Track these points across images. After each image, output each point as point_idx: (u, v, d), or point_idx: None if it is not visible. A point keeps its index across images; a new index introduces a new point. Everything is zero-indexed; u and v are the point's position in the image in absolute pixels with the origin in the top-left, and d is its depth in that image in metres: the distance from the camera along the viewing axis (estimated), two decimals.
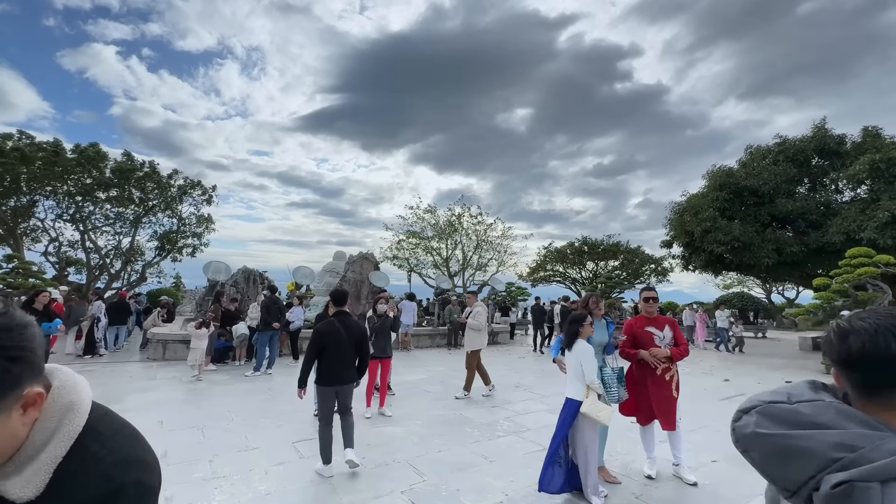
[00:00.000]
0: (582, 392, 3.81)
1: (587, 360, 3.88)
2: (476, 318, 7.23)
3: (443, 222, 27.38)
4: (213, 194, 20.49)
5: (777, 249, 14.24)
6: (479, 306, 7.38)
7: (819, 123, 16.20)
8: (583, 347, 3.96)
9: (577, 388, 3.85)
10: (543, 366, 10.74)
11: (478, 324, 7.18)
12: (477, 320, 7.19)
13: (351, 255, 14.90)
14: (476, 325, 7.15)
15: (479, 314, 7.26)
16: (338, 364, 4.21)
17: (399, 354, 11.36)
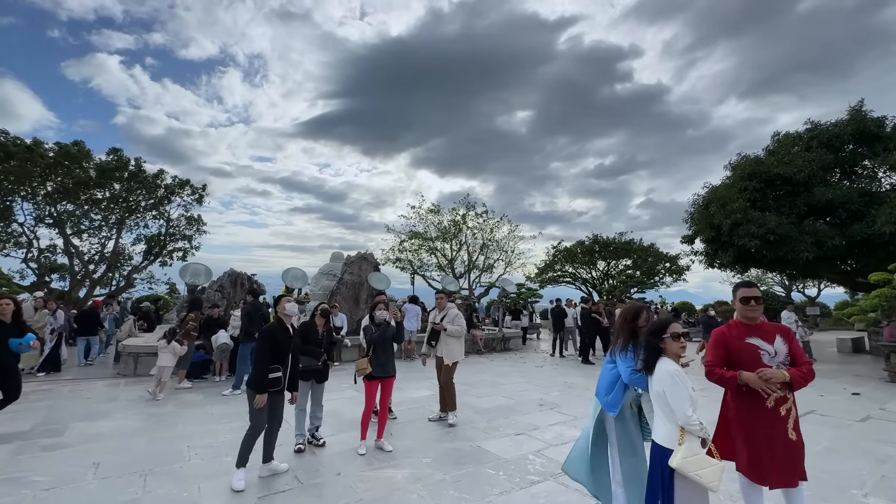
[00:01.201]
0: (673, 435, 2.59)
1: (677, 390, 2.67)
2: (456, 322, 5.92)
3: (447, 222, 26.19)
4: (203, 194, 19.38)
5: (816, 243, 12.93)
6: (454, 309, 6.13)
7: (856, 106, 14.90)
8: (668, 370, 2.74)
9: (666, 430, 2.63)
10: (565, 376, 9.48)
11: (459, 329, 5.89)
12: (457, 325, 5.91)
13: (349, 256, 13.70)
14: (457, 331, 5.86)
15: (458, 318, 6.01)
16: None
17: (401, 364, 10.15)
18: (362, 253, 13.54)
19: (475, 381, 8.78)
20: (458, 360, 5.92)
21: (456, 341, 5.92)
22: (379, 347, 5.09)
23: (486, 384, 8.56)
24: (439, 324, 5.84)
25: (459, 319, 5.96)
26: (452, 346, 5.89)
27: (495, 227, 25.93)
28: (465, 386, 8.25)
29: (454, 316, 5.93)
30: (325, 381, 5.12)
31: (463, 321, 6.02)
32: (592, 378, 9.37)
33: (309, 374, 4.89)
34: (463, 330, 5.94)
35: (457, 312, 6.00)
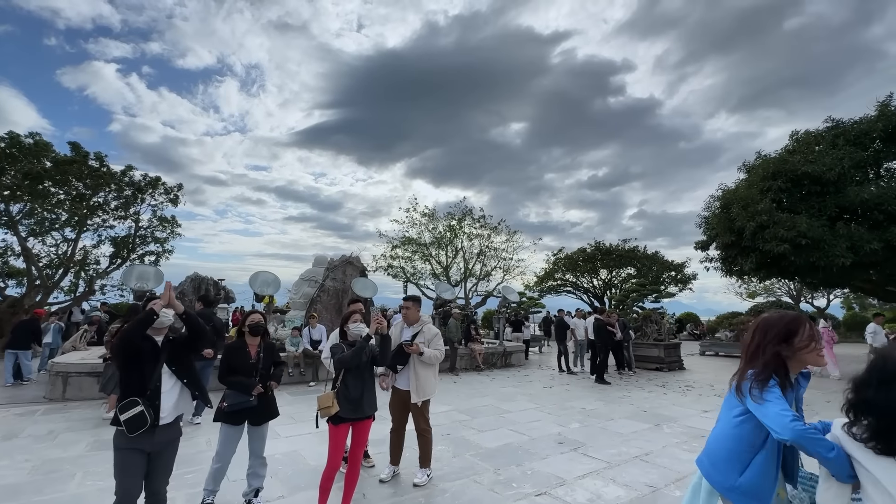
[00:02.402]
0: None
1: None
2: (434, 344, 4.33)
3: (442, 227, 24.81)
4: (177, 194, 17.86)
5: (852, 247, 11.68)
6: (431, 326, 4.49)
7: (884, 101, 13.78)
8: None
9: None
10: (581, 400, 8.03)
11: (438, 355, 4.31)
12: (435, 347, 4.33)
13: (331, 260, 12.26)
14: (435, 357, 4.27)
15: (437, 339, 4.38)
16: None
17: None
18: (347, 256, 12.11)
19: (475, 408, 7.31)
20: (431, 396, 4.38)
21: (431, 371, 4.36)
22: (351, 375, 3.67)
23: (489, 411, 7.10)
24: (412, 345, 4.21)
25: (438, 341, 4.40)
26: (426, 379, 4.28)
27: (493, 232, 24.58)
28: (464, 415, 6.77)
29: (432, 335, 4.37)
30: (267, 420, 3.66)
31: (442, 343, 4.50)
32: (614, 403, 7.95)
33: (239, 415, 3.44)
34: (442, 355, 4.42)
35: (436, 331, 4.45)
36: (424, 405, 4.30)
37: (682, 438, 5.70)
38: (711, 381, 10.72)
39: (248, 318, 3.71)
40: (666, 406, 7.66)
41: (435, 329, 4.53)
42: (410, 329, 4.42)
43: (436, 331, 4.49)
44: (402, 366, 4.34)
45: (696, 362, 14.80)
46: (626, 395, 8.56)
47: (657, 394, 8.83)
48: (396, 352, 4.28)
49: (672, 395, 8.66)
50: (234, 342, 3.66)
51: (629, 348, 11.94)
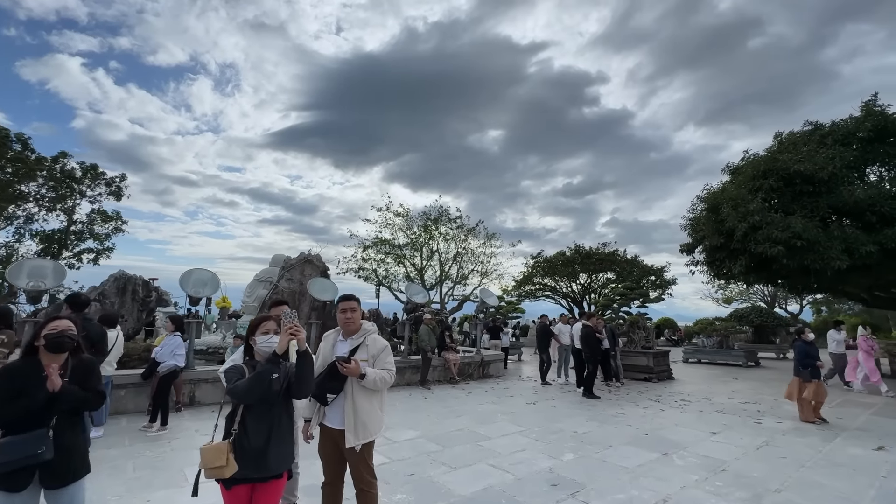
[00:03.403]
0: None
1: None
2: (381, 361, 3.06)
3: (417, 228, 23.58)
4: (121, 185, 16.00)
5: (847, 249, 11.10)
6: (377, 337, 3.19)
7: (869, 100, 13.43)
8: None
9: None
10: (570, 420, 6.91)
11: (387, 377, 3.04)
12: (383, 366, 3.06)
13: (288, 258, 10.84)
14: (383, 380, 3.03)
15: (385, 353, 3.10)
16: None
17: None
18: (306, 254, 10.72)
19: (448, 434, 6.09)
20: (377, 436, 3.07)
21: (375, 401, 3.07)
22: (254, 415, 2.42)
23: (465, 438, 5.89)
24: (350, 362, 2.92)
25: (387, 357, 3.13)
26: (368, 412, 2.98)
27: (470, 234, 23.51)
28: (434, 445, 5.54)
29: (379, 350, 3.10)
30: (72, 480, 2.31)
31: (392, 359, 3.20)
32: (609, 424, 6.75)
33: (19, 476, 2.11)
34: (392, 377, 3.11)
35: (383, 344, 3.17)
36: (367, 449, 3.03)
37: (700, 474, 4.63)
38: (706, 392, 9.83)
39: (45, 327, 2.36)
40: (668, 427, 6.63)
41: (383, 341, 3.23)
42: (348, 341, 3.15)
43: (383, 343, 3.19)
44: (335, 395, 3.07)
45: (683, 371, 14.02)
46: (621, 413, 7.51)
47: (653, 410, 7.83)
48: (327, 374, 3.03)
49: (670, 412, 7.66)
50: (15, 363, 2.33)
51: (617, 357, 10.98)
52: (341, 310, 3.21)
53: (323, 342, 3.37)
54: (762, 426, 6.77)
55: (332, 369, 3.01)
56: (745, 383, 11.59)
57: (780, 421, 7.12)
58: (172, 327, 5.80)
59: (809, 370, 6.98)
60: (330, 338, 3.32)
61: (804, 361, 7.03)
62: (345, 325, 3.16)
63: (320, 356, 3.28)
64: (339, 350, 3.16)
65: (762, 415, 7.60)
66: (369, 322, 3.42)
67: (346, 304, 3.21)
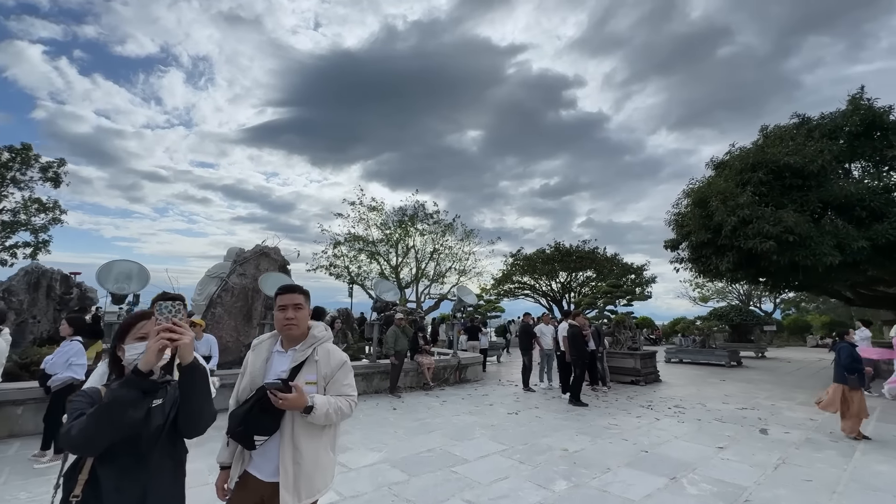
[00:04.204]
0: None
1: None
2: (338, 384, 2.13)
3: (392, 223, 22.50)
4: (59, 172, 14.34)
5: (838, 245, 10.66)
6: (332, 348, 2.21)
7: (856, 94, 13.14)
8: None
9: None
10: (558, 434, 6.03)
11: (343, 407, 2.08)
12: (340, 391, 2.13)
13: (241, 251, 9.64)
14: (338, 411, 2.05)
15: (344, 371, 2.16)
16: None
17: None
18: (262, 247, 9.54)
19: (417, 456, 5.10)
20: (326, 491, 2.07)
21: (327, 440, 2.13)
22: (117, 468, 1.41)
23: (436, 461, 4.92)
24: (289, 389, 1.92)
25: (346, 377, 2.15)
26: (315, 458, 2.03)
27: (447, 230, 22.57)
28: (399, 472, 4.54)
29: (335, 366, 2.13)
30: None
31: (353, 379, 2.20)
32: (603, 438, 5.81)
33: None
34: (350, 408, 2.13)
35: (341, 359, 2.18)
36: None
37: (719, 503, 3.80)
38: (697, 396, 9.17)
39: None
40: (668, 441, 5.83)
41: (340, 355, 2.21)
42: (289, 354, 2.15)
43: (341, 358, 2.19)
44: (266, 436, 2.06)
45: (667, 372, 13.43)
46: (614, 425, 6.69)
47: (648, 420, 7.04)
48: (255, 406, 2.04)
49: (667, 422, 6.89)
50: None
51: (603, 359, 10.22)
52: (280, 306, 2.16)
53: (251, 354, 2.29)
54: (770, 438, 6.06)
55: (262, 399, 2.00)
56: (734, 385, 11.03)
57: (787, 431, 6.43)
58: (70, 330, 4.62)
59: (857, 376, 6.05)
60: (262, 348, 2.25)
61: (852, 366, 6.08)
62: (284, 330, 2.14)
63: (247, 374, 2.24)
64: (275, 367, 2.14)
65: (765, 423, 6.91)
66: (321, 326, 2.35)
67: (287, 297, 2.16)
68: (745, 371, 14.46)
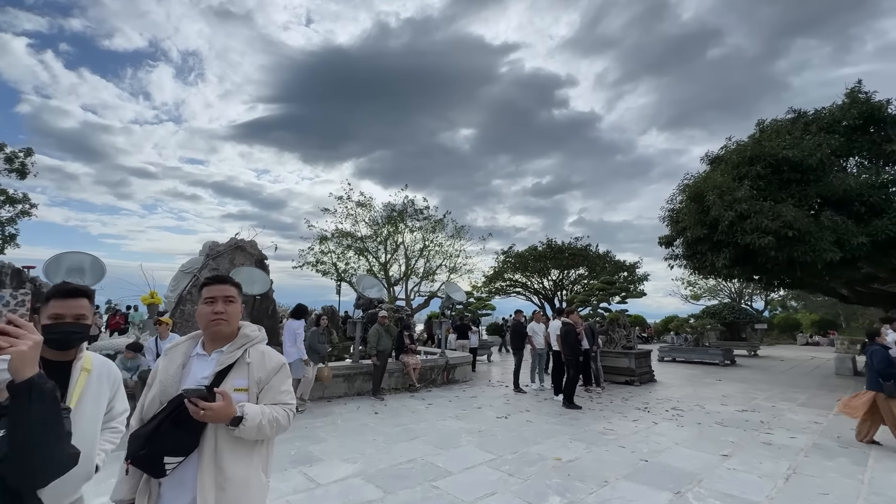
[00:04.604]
0: None
1: None
2: (274, 391, 1.75)
3: (381, 219, 21.95)
4: (26, 162, 13.59)
5: (837, 241, 10.36)
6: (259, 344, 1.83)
7: (853, 87, 12.88)
8: None
9: None
10: (551, 441, 5.58)
11: (280, 418, 1.70)
12: (276, 399, 1.74)
13: (214, 244, 9.07)
14: (275, 423, 1.66)
15: (280, 376, 1.78)
16: None
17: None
18: (237, 240, 8.98)
19: (397, 468, 4.62)
20: None
21: (258, 457, 1.70)
22: None
23: (417, 476, 4.44)
24: (213, 397, 1.50)
25: (282, 383, 1.75)
26: (243, 482, 1.59)
27: (437, 226, 22.09)
28: (375, 488, 4.05)
29: (271, 370, 1.73)
30: None
31: (290, 385, 1.80)
32: (599, 445, 5.36)
33: None
34: (288, 419, 1.72)
35: (278, 362, 1.78)
36: None
37: None
38: (694, 398, 8.80)
39: None
40: (669, 449, 5.41)
41: (277, 357, 1.81)
42: (213, 357, 1.76)
43: (278, 360, 1.80)
44: (180, 457, 1.59)
45: (662, 371, 13.09)
46: (609, 429, 6.26)
47: (645, 423, 6.63)
48: (166, 421, 1.56)
49: (665, 427, 6.48)
50: None
51: (597, 359, 9.82)
52: (207, 298, 1.76)
53: (162, 360, 1.81)
54: (775, 444, 5.67)
55: (176, 411, 1.52)
56: (730, 385, 10.69)
57: (792, 436, 6.05)
58: None
59: (893, 382, 5.40)
60: (177, 352, 1.81)
61: (887, 372, 5.43)
62: (211, 326, 1.74)
63: (156, 385, 1.75)
64: (194, 373, 1.71)
65: (768, 427, 6.53)
66: (254, 326, 1.89)
67: (217, 289, 1.77)
68: (739, 370, 14.19)
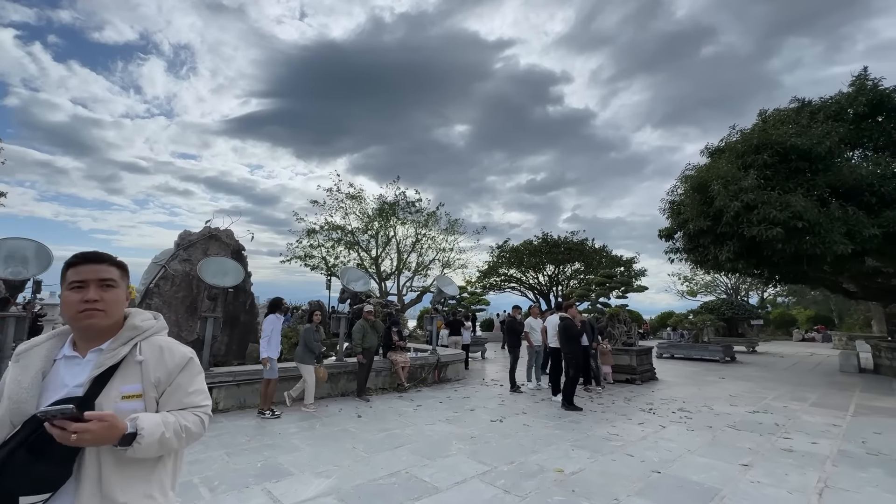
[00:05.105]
0: None
1: None
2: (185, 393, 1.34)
3: (371, 210, 21.29)
4: None
5: (848, 233, 9.89)
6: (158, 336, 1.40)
7: (859, 74, 12.40)
8: None
9: None
10: (551, 448, 5.01)
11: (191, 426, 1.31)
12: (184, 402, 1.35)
13: (186, 233, 8.40)
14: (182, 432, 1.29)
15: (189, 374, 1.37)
16: None
17: (250, 422, 5.00)
18: (211, 229, 8.31)
19: (374, 487, 4.03)
20: None
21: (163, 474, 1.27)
22: None
23: (397, 491, 3.85)
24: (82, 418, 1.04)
25: (192, 382, 1.32)
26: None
27: (430, 218, 21.46)
28: None
29: (175, 367, 1.30)
30: None
31: (204, 386, 1.34)
32: (604, 454, 4.70)
33: None
34: (200, 426, 1.29)
35: (183, 357, 1.31)
36: None
37: None
38: (702, 398, 8.29)
39: None
40: (682, 457, 4.86)
41: (182, 351, 1.35)
42: (88, 357, 1.28)
43: (184, 354, 1.35)
44: (45, 493, 1.05)
45: (661, 368, 12.60)
46: (614, 434, 5.71)
47: (652, 427, 6.10)
48: (18, 448, 1.01)
49: (675, 431, 5.95)
50: None
51: (597, 356, 9.28)
52: (72, 284, 1.27)
53: (13, 367, 1.26)
54: (797, 451, 5.15)
55: (34, 435, 1.14)
56: (735, 384, 10.22)
57: (813, 441, 5.54)
58: None
59: None
60: (33, 356, 1.27)
61: None
62: (82, 319, 1.27)
63: (4, 400, 1.18)
64: (62, 381, 1.25)
65: (784, 431, 6.02)
66: (146, 314, 1.34)
67: (87, 270, 1.30)
68: (740, 367, 13.75)
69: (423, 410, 6.96)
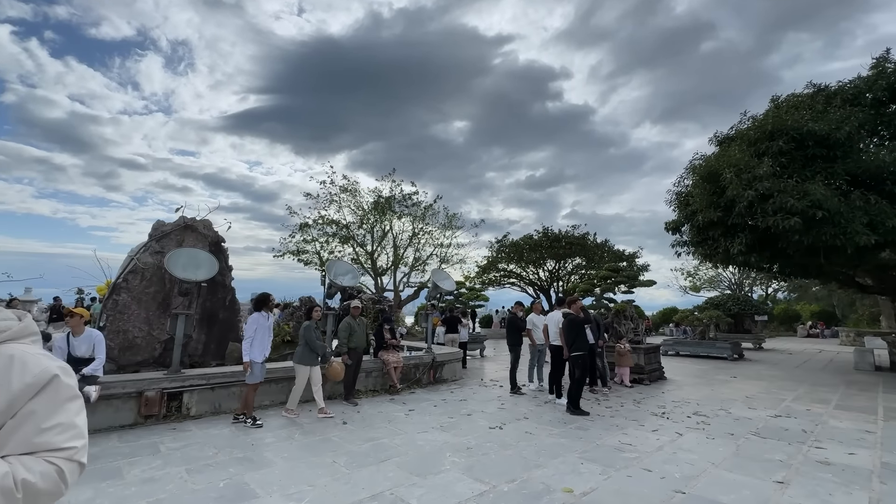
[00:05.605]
0: None
1: None
2: (36, 431, 0.93)
3: (367, 204, 20.66)
4: None
5: (869, 223, 9.29)
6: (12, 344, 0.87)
7: (881, 56, 11.76)
8: None
9: None
10: (559, 464, 4.42)
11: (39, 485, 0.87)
12: (35, 449, 0.92)
13: (160, 223, 7.77)
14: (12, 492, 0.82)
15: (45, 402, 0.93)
16: None
17: (223, 431, 4.46)
18: (186, 218, 7.68)
19: None
20: None
21: None
22: None
23: None
24: None
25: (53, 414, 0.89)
26: None
27: (427, 211, 20.83)
28: None
29: (27, 389, 0.86)
30: None
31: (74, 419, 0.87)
32: (617, 468, 4.01)
33: None
34: (66, 472, 0.86)
35: (42, 375, 0.86)
36: None
37: None
38: (717, 400, 7.71)
39: None
40: (706, 471, 4.28)
41: (41, 366, 0.89)
42: None
43: (41, 371, 0.91)
44: None
45: (668, 367, 12.03)
46: (627, 444, 5.13)
47: (668, 435, 5.51)
48: None
49: (692, 439, 5.37)
50: None
51: (602, 355, 8.70)
52: None
53: None
54: (835, 464, 4.57)
55: None
56: (749, 384, 9.65)
57: (850, 451, 4.96)
58: None
59: None
60: None
61: None
62: None
63: None
64: None
65: (815, 439, 5.44)
66: (6, 313, 0.68)
67: None
68: (750, 365, 13.19)
69: (415, 415, 6.37)
